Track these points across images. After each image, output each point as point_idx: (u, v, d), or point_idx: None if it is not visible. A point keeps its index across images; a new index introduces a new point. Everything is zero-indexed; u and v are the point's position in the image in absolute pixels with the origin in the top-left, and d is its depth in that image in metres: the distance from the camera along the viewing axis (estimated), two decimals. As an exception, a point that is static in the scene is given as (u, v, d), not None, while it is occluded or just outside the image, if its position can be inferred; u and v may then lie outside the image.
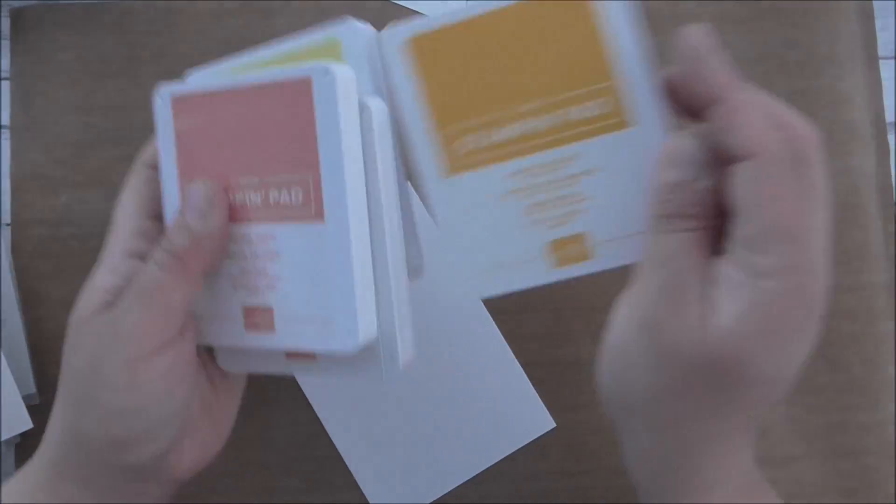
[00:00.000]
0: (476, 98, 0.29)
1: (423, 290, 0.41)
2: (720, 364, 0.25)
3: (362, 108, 0.28)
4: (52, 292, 0.42)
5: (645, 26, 0.27)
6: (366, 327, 0.28)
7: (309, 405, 0.41)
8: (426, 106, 0.29)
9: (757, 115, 0.25)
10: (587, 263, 0.29)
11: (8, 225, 0.43)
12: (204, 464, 0.33)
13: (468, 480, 0.40)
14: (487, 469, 0.40)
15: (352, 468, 0.40)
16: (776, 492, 0.28)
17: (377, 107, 0.29)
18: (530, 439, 0.40)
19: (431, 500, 0.40)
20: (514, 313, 0.41)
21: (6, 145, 0.43)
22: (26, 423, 0.39)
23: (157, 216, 0.31)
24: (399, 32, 0.29)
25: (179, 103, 0.30)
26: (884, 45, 0.43)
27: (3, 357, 0.40)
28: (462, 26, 0.29)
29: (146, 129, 0.31)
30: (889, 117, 0.43)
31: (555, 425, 0.40)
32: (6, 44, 0.44)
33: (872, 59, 0.43)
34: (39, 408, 0.41)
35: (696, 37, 0.26)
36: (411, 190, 0.31)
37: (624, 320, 0.27)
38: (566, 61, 0.28)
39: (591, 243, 0.29)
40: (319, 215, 0.28)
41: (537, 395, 0.40)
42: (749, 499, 0.27)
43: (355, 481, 0.40)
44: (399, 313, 0.29)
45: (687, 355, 0.25)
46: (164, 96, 0.30)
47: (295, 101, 0.28)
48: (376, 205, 0.29)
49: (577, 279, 0.29)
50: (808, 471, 0.40)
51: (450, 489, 0.40)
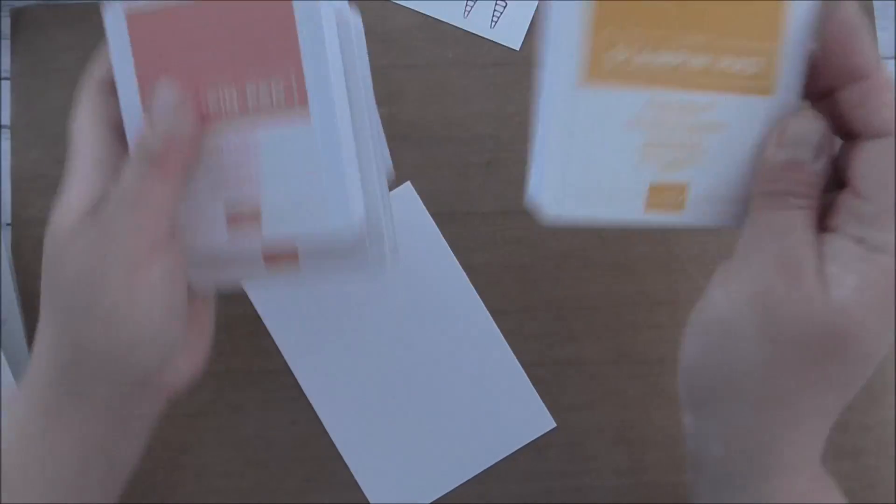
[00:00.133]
0: (648, 10, 0.27)
1: (424, 289, 0.41)
2: (838, 336, 0.25)
3: (338, 11, 0.29)
4: (53, 292, 0.42)
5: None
6: (356, 207, 0.28)
7: (309, 405, 0.41)
8: None
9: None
10: (678, 215, 0.29)
11: (8, 225, 0.43)
12: (192, 378, 0.33)
13: (468, 480, 0.40)
14: (487, 469, 0.40)
15: (352, 468, 0.40)
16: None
17: (347, 9, 0.30)
18: (530, 439, 0.40)
19: (431, 500, 0.40)
20: (514, 313, 0.41)
21: (6, 145, 0.43)
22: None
23: (117, 128, 0.31)
24: None
25: (135, 19, 0.30)
26: (884, 44, 0.43)
27: (3, 357, 0.40)
28: None
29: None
30: (889, 117, 0.43)
31: (555, 425, 0.41)
32: (6, 44, 0.44)
33: (872, 59, 0.43)
34: (39, 407, 0.41)
35: (851, 11, 0.26)
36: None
37: (729, 295, 0.27)
38: (746, 8, 0.27)
39: (688, 196, 0.29)
40: (303, 106, 0.28)
41: (537, 394, 0.41)
42: (824, 483, 0.28)
43: (355, 481, 0.40)
44: (384, 207, 0.30)
45: (805, 328, 0.25)
46: (116, 13, 0.30)
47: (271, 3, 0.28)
48: (356, 99, 0.29)
49: (664, 230, 0.29)
50: (808, 471, 0.40)
51: (450, 489, 0.40)
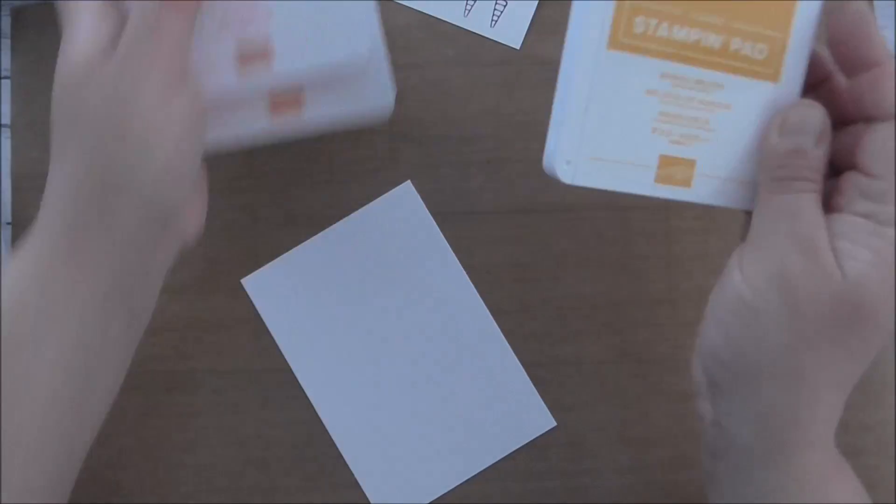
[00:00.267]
0: None
1: (424, 288, 0.41)
2: (856, 308, 0.27)
3: None
4: (53, 291, 0.42)
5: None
6: (365, 36, 0.29)
7: (309, 405, 0.41)
8: None
9: None
10: (685, 190, 0.31)
11: (8, 224, 0.43)
12: (196, 236, 0.34)
13: (468, 480, 0.40)
14: (487, 469, 0.40)
15: (352, 467, 0.40)
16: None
17: None
18: (530, 439, 0.40)
19: (432, 499, 0.40)
20: (515, 313, 0.41)
21: (7, 144, 0.43)
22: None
23: None
24: None
25: None
26: (883, 45, 0.43)
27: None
28: None
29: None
30: (889, 117, 0.43)
31: (555, 425, 0.41)
32: (7, 43, 0.44)
33: (872, 60, 0.43)
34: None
35: (862, 5, 0.28)
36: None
37: (748, 276, 0.28)
38: None
39: (695, 173, 0.31)
40: None
41: (538, 394, 0.41)
42: (838, 460, 0.30)
43: (356, 480, 0.40)
44: (381, 40, 0.31)
45: (825, 302, 0.27)
46: None
47: None
48: None
49: (673, 202, 0.31)
50: (808, 470, 0.40)
51: (450, 488, 0.40)
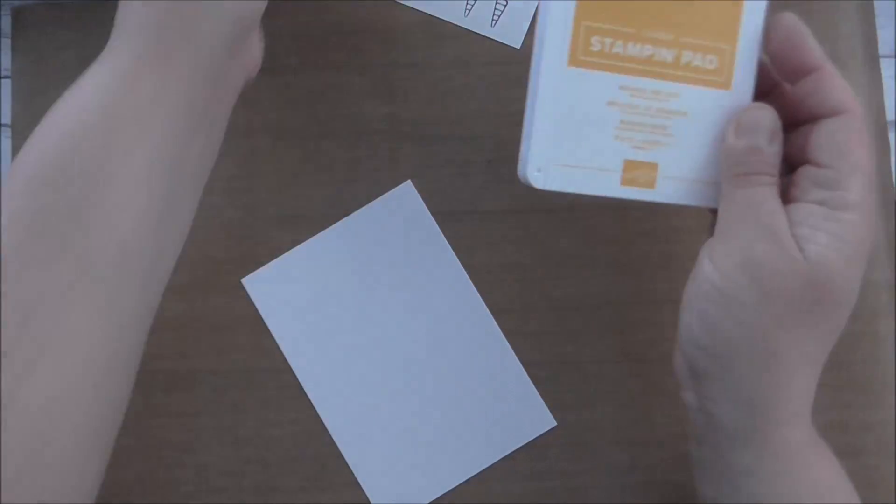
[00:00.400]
0: (622, 9, 0.32)
1: (425, 288, 0.41)
2: (820, 288, 0.29)
3: None
4: (53, 291, 0.42)
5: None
6: None
7: (309, 404, 0.41)
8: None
9: (844, 81, 0.31)
10: (649, 192, 0.33)
11: (8, 223, 0.43)
12: (251, 80, 0.36)
13: (468, 480, 0.40)
14: (487, 469, 0.40)
15: (353, 467, 0.40)
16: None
17: None
18: (531, 438, 0.40)
19: (432, 499, 0.40)
20: (515, 312, 0.41)
21: (7, 144, 0.43)
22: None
23: None
24: None
25: None
26: (884, 44, 0.43)
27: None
28: None
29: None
30: (889, 116, 0.43)
31: (555, 424, 0.40)
32: (7, 42, 0.44)
33: (872, 59, 0.43)
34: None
35: (794, 18, 0.31)
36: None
37: (719, 266, 0.30)
38: (707, 12, 0.32)
39: (658, 175, 0.33)
40: None
41: (538, 393, 0.41)
42: (815, 436, 0.32)
43: (356, 480, 0.40)
44: None
45: (791, 283, 0.29)
46: None
47: None
48: None
49: (638, 203, 0.33)
50: (808, 470, 0.40)
51: (450, 488, 0.40)
